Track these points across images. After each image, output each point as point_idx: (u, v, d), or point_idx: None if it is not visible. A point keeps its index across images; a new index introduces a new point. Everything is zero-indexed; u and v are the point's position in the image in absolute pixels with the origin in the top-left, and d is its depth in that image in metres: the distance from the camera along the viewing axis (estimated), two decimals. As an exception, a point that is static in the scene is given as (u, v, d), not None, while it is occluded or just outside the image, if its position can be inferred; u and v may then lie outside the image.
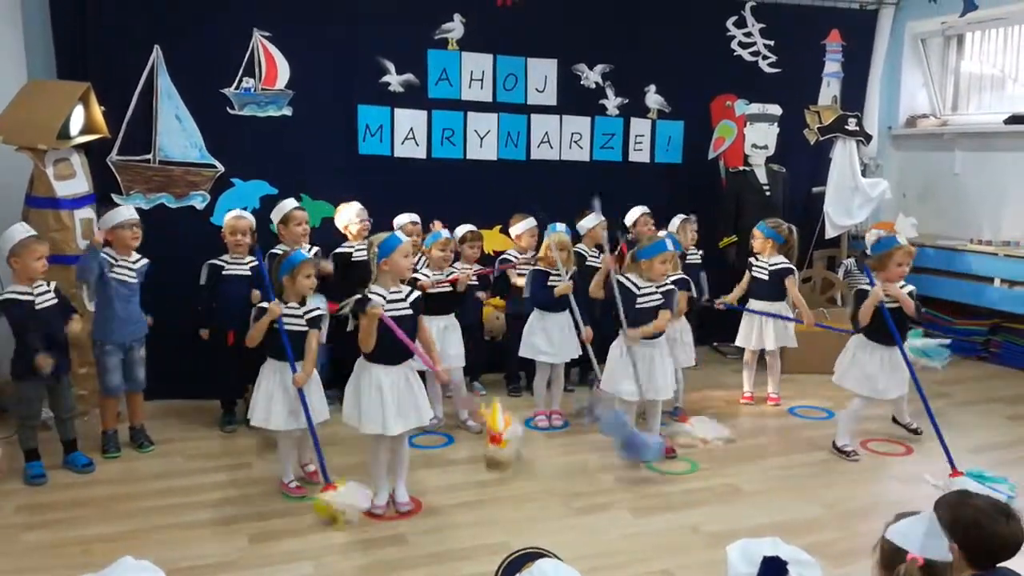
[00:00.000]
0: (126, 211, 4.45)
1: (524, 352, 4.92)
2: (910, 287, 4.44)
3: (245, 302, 4.57)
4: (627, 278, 4.37)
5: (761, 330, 5.25)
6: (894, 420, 4.78)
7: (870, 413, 4.65)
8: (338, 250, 5.10)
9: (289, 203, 4.94)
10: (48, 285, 4.09)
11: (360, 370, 3.71)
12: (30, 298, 3.99)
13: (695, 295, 5.09)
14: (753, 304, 5.28)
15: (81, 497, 3.91)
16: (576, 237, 5.28)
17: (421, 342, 3.80)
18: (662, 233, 5.09)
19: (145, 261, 4.49)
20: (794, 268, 5.29)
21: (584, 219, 5.34)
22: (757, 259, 5.29)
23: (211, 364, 4.85)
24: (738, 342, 5.38)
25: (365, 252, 4.90)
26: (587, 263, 5.16)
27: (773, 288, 5.20)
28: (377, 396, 3.63)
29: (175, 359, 4.90)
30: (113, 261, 4.35)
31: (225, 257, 4.75)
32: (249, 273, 4.72)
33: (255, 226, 4.88)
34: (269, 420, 3.85)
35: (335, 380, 4.74)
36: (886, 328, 4.28)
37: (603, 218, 5.21)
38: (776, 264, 5.21)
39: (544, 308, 4.84)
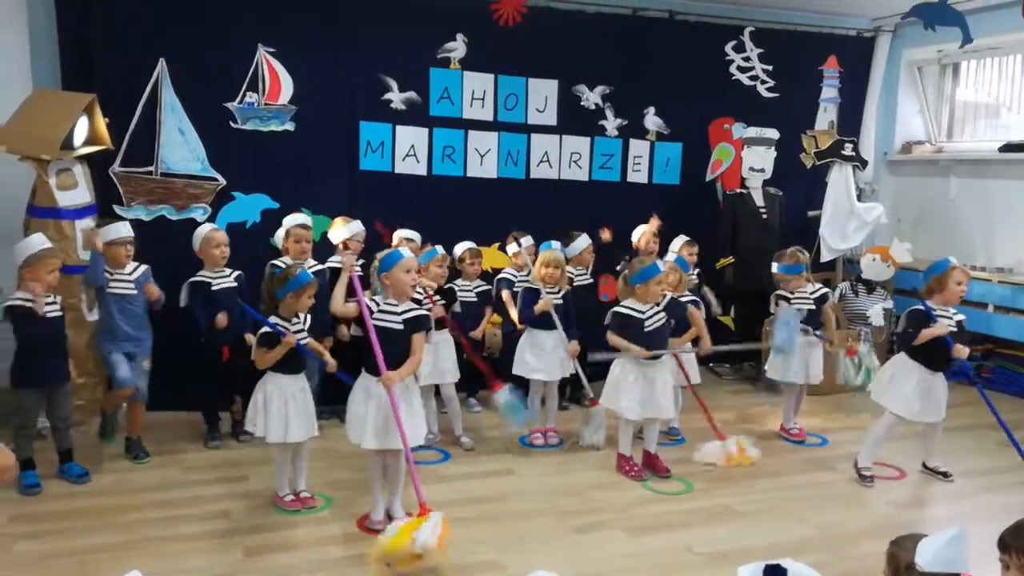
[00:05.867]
0: (123, 227, 4.47)
1: (517, 370, 4.93)
2: (961, 316, 4.38)
3: (237, 314, 4.58)
4: (626, 306, 4.39)
5: (808, 363, 5.01)
6: (924, 466, 4.63)
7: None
8: (329, 263, 5.11)
9: (295, 218, 4.98)
10: (54, 296, 4.11)
11: (359, 381, 3.74)
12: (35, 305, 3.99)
13: (706, 314, 5.15)
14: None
15: (76, 508, 3.90)
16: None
17: (408, 357, 3.70)
18: (671, 257, 5.14)
19: (143, 268, 4.52)
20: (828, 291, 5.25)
21: (574, 242, 5.47)
22: (794, 293, 5.00)
23: (201, 378, 4.83)
24: (786, 378, 5.05)
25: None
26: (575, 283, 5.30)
27: (817, 317, 5.04)
28: (363, 408, 3.64)
29: (169, 371, 4.89)
30: (110, 275, 4.37)
31: (206, 272, 4.69)
32: (235, 284, 4.73)
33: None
34: (287, 433, 3.85)
35: (328, 398, 4.77)
36: (933, 351, 4.24)
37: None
38: (816, 291, 5.06)
39: (535, 326, 4.87)
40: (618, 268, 5.70)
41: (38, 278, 3.98)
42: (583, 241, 5.49)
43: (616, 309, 4.44)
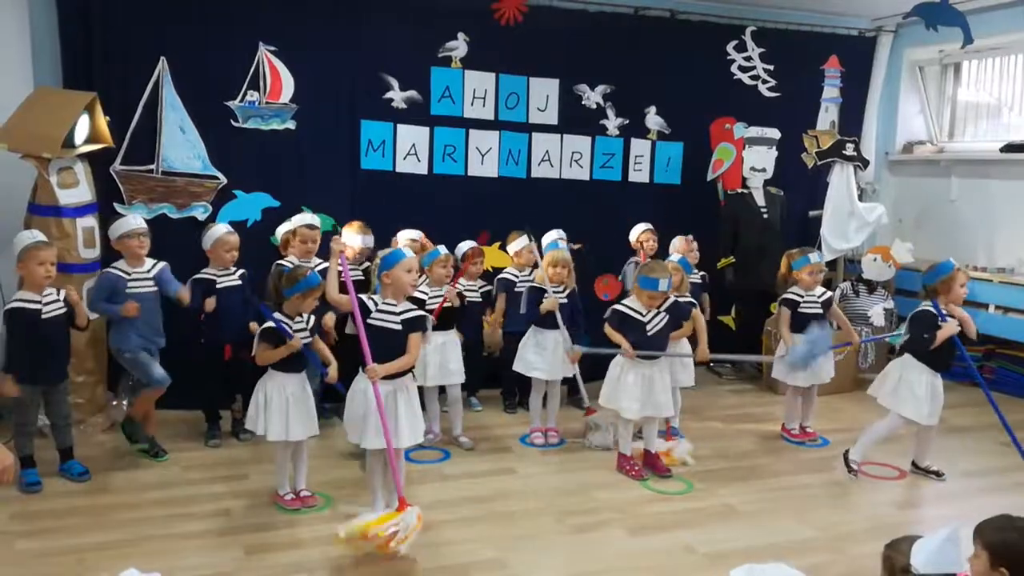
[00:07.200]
0: (132, 220, 4.46)
1: (518, 367, 4.93)
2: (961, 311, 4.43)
3: (240, 313, 4.58)
4: (626, 305, 4.39)
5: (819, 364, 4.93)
6: (914, 465, 4.61)
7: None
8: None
9: (302, 218, 5.00)
10: (58, 294, 4.09)
11: (356, 380, 3.73)
12: (38, 306, 3.99)
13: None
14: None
15: (76, 506, 3.90)
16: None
17: (404, 356, 3.67)
18: (674, 257, 5.07)
19: (162, 265, 4.49)
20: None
21: (512, 242, 5.39)
22: (804, 296, 4.98)
23: (202, 376, 4.81)
24: (795, 381, 5.02)
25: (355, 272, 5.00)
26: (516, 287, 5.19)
27: (824, 319, 5.00)
28: (363, 406, 3.63)
29: (170, 369, 4.86)
30: (127, 275, 4.34)
31: (211, 270, 4.68)
32: (240, 282, 4.73)
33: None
34: (288, 432, 3.85)
35: (330, 397, 4.77)
36: (940, 353, 4.28)
37: (531, 242, 5.22)
38: (824, 294, 5.05)
39: (539, 324, 4.87)
40: (576, 248, 5.60)
41: (29, 273, 3.97)
42: (521, 242, 5.34)
43: (616, 306, 4.44)
